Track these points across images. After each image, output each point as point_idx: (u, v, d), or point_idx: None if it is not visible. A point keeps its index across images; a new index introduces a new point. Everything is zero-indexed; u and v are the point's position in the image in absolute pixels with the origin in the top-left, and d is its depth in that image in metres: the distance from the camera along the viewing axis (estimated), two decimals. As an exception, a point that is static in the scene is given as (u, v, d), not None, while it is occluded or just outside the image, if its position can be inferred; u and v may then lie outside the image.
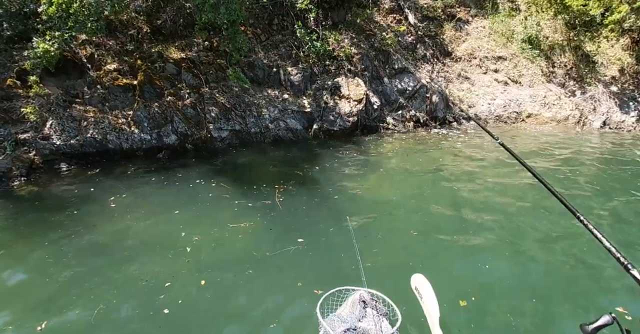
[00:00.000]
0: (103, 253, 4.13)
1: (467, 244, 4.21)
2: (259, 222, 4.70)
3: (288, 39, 9.69)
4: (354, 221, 4.67)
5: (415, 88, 10.15)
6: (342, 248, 4.05)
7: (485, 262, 3.83)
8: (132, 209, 5.17)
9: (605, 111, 11.02)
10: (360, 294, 2.45)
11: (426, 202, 5.43)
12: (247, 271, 3.71)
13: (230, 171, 6.71)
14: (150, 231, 4.59)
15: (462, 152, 8.03)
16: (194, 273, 3.69)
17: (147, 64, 8.18)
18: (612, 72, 11.31)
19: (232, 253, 4.07)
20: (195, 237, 4.34)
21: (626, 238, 4.41)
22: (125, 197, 5.58)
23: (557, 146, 8.77)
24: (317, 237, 4.31)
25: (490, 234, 4.44)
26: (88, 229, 4.63)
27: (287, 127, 8.58)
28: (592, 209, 5.14)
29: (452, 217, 4.94)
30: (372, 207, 5.22)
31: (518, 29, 11.95)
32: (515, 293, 3.40)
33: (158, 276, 3.66)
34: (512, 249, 4.11)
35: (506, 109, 10.94)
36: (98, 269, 3.83)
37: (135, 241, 4.34)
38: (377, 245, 4.20)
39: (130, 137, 7.49)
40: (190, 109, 8.02)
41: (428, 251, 4.13)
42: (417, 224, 4.75)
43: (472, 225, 4.68)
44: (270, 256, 3.95)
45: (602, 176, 6.79)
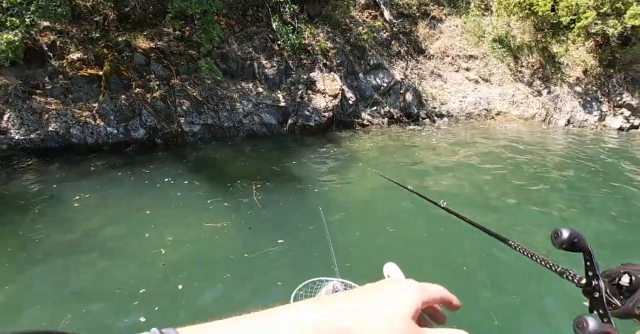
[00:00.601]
0: (70, 257, 3.87)
1: (440, 235, 4.34)
2: (237, 221, 4.59)
3: (263, 31, 9.49)
4: (331, 215, 4.70)
5: (390, 84, 10.22)
6: (323, 247, 4.04)
7: (459, 253, 3.97)
8: (98, 209, 4.90)
9: (569, 110, 11.52)
10: (333, 285, 2.47)
11: (401, 197, 5.51)
12: (225, 274, 3.59)
13: (203, 167, 6.53)
14: (121, 233, 4.35)
15: (437, 147, 8.20)
16: (170, 278, 3.52)
17: (114, 54, 7.79)
18: (576, 73, 11.81)
19: (209, 255, 3.93)
20: (169, 238, 4.17)
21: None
22: (91, 196, 5.27)
23: (524, 142, 9.10)
24: (298, 236, 4.26)
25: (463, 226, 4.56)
26: (51, 231, 4.33)
27: (262, 121, 8.44)
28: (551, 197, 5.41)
29: (425, 210, 5.05)
30: (348, 202, 5.30)
31: (489, 29, 12.24)
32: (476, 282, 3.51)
33: (132, 281, 3.47)
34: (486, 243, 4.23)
35: (477, 106, 11.23)
36: (66, 275, 3.58)
37: (105, 245, 4.10)
38: (351, 236, 4.29)
39: (96, 131, 7.14)
40: (159, 102, 7.73)
41: (401, 243, 4.25)
42: (391, 217, 4.85)
43: (445, 218, 4.79)
44: (249, 257, 3.84)
45: (563, 168, 7.24)
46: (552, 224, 5.13)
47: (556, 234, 0.53)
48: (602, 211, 5.26)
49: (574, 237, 0.51)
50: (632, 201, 5.69)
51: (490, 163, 7.23)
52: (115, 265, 3.72)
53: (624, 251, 4.28)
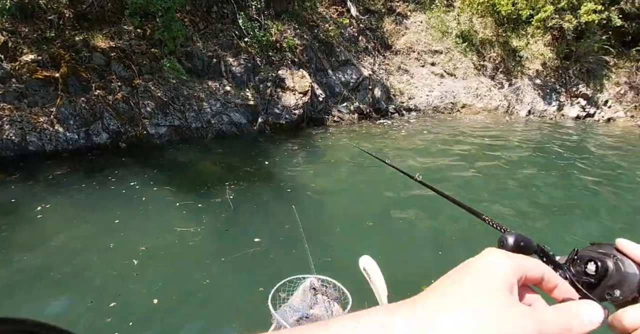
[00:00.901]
0: (35, 272, 3.65)
1: (413, 229, 4.47)
2: (211, 224, 4.50)
3: (228, 28, 9.31)
4: (305, 213, 4.73)
5: (359, 80, 10.30)
6: (301, 245, 4.05)
7: (437, 243, 4.14)
8: (63, 220, 4.65)
9: (530, 101, 12.03)
10: (310, 282, 2.47)
11: (374, 191, 5.67)
12: (204, 280, 3.50)
13: (172, 170, 6.35)
14: (89, 243, 4.15)
15: (406, 140, 8.40)
16: (144, 290, 3.39)
17: (71, 54, 7.42)
18: (535, 66, 12.33)
19: (185, 262, 3.82)
20: (141, 247, 4.03)
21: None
22: (54, 206, 4.98)
23: (488, 131, 9.48)
24: (275, 235, 4.24)
25: (438, 219, 4.70)
26: (13, 246, 4.07)
27: (231, 121, 8.31)
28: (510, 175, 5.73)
29: (399, 204, 5.19)
30: (323, 198, 5.35)
31: (452, 25, 12.55)
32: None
33: (103, 295, 3.32)
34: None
35: (443, 100, 11.52)
36: (30, 291, 3.39)
37: (73, 257, 3.89)
38: (327, 232, 4.35)
39: (54, 137, 6.79)
40: (122, 104, 7.45)
41: (376, 236, 4.37)
42: (367, 212, 4.96)
43: (421, 211, 4.95)
44: (227, 261, 3.78)
45: (522, 153, 7.82)
46: (508, 192, 5.48)
47: (502, 242, 0.51)
48: (546, 184, 5.93)
49: (520, 241, 0.50)
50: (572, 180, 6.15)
51: (459, 152, 7.55)
52: (85, 279, 3.55)
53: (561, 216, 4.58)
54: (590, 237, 4.44)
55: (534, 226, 4.74)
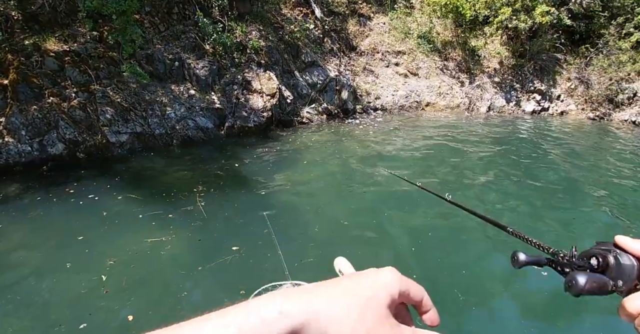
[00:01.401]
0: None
1: (387, 224, 4.53)
2: (184, 233, 4.35)
3: (190, 30, 9.06)
4: (278, 217, 4.72)
5: (325, 82, 10.34)
6: (281, 248, 4.00)
7: (412, 239, 4.20)
8: (21, 241, 4.32)
9: (489, 98, 12.54)
10: (286, 288, 2.48)
11: (347, 189, 5.72)
12: (181, 293, 3.37)
13: (137, 179, 6.09)
14: (51, 264, 3.87)
15: (374, 138, 8.55)
16: (116, 306, 3.21)
17: (20, 59, 6.95)
18: (493, 65, 12.86)
19: (159, 274, 3.66)
20: (109, 261, 3.83)
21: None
22: (8, 226, 4.63)
23: (451, 127, 9.84)
24: (252, 241, 4.15)
25: (413, 214, 4.78)
26: None
27: (197, 126, 8.09)
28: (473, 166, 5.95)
29: (372, 202, 5.28)
30: (295, 201, 5.32)
31: (413, 26, 12.87)
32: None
33: (70, 316, 3.11)
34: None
35: (408, 99, 11.79)
36: None
37: (35, 280, 3.61)
38: (301, 235, 4.33)
39: (4, 149, 6.33)
40: (78, 111, 7.06)
41: (349, 237, 4.39)
42: (339, 210, 5.01)
43: (395, 206, 5.03)
44: (204, 270, 3.66)
45: (482, 144, 8.23)
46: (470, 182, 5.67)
47: (514, 257, 0.60)
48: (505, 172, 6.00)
49: (530, 258, 0.59)
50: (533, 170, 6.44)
51: (424, 147, 7.79)
52: (51, 301, 3.32)
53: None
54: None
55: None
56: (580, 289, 0.52)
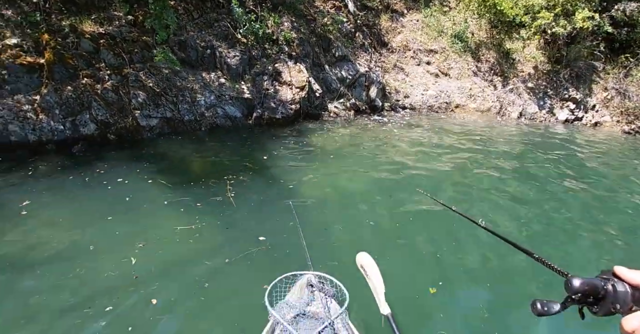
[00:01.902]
0: (21, 275, 3.35)
1: (413, 224, 4.40)
2: (212, 222, 4.26)
3: (224, 19, 9.00)
4: (304, 209, 4.66)
5: (355, 77, 10.16)
6: (305, 239, 3.90)
7: (433, 240, 4.03)
8: (51, 218, 4.30)
9: (522, 104, 12.14)
10: (307, 278, 2.43)
11: (375, 189, 5.55)
12: (205, 283, 3.30)
13: (166, 164, 6.06)
14: (81, 243, 3.85)
15: (402, 138, 8.32)
16: (142, 290, 3.16)
17: (57, 40, 7.01)
18: (528, 69, 12.44)
19: (185, 262, 3.59)
20: (139, 244, 3.79)
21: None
22: (40, 202, 4.63)
23: (482, 132, 9.51)
24: (279, 234, 4.06)
25: (433, 220, 4.61)
26: None
27: (225, 114, 8.04)
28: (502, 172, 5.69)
29: (398, 200, 5.14)
30: (323, 195, 5.22)
31: (448, 25, 12.54)
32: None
33: (99, 298, 3.07)
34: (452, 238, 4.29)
35: (437, 99, 11.50)
36: (15, 298, 3.10)
37: (64, 258, 3.58)
38: (327, 229, 4.27)
39: (38, 127, 6.39)
40: (111, 94, 7.09)
41: (377, 235, 4.30)
42: (366, 209, 4.88)
43: (418, 209, 4.86)
44: (229, 262, 3.57)
45: (512, 152, 7.91)
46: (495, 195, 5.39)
47: (566, 285, 0.71)
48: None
49: (585, 284, 0.69)
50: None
51: (453, 152, 7.50)
52: (80, 282, 3.29)
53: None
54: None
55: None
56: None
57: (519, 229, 4.70)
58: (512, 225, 4.78)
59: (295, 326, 2.07)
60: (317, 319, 2.12)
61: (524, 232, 4.65)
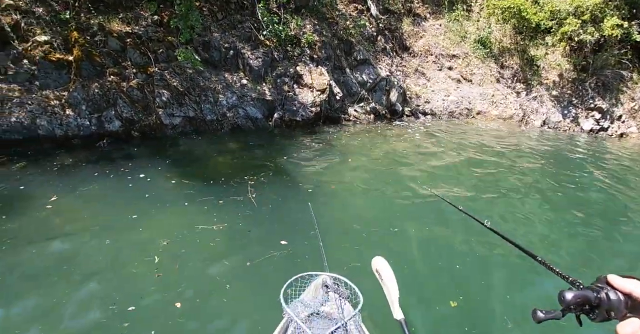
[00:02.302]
0: (44, 270, 3.37)
1: (427, 231, 4.33)
2: (234, 222, 4.24)
3: (247, 20, 9.05)
4: (323, 211, 4.62)
5: (376, 81, 10.09)
6: (329, 247, 3.84)
7: (452, 251, 3.99)
8: (77, 213, 4.34)
9: (545, 112, 11.87)
10: (322, 279, 2.46)
11: (391, 192, 5.51)
12: (226, 284, 3.26)
13: (188, 163, 6.08)
14: (106, 240, 3.86)
15: (423, 144, 8.18)
16: (165, 292, 3.13)
17: (85, 38, 7.14)
18: (552, 77, 12.17)
19: (208, 262, 3.57)
20: (163, 242, 3.78)
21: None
22: (65, 197, 4.69)
23: (505, 140, 9.29)
24: (300, 238, 4.01)
25: (451, 225, 4.49)
26: (21, 239, 3.78)
27: (247, 115, 8.05)
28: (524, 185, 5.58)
29: (416, 206, 5.08)
30: (342, 199, 5.20)
31: (471, 30, 12.38)
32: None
33: (122, 296, 3.06)
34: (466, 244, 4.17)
35: (459, 105, 11.33)
36: (40, 294, 3.09)
37: (89, 254, 3.60)
38: (344, 233, 4.26)
39: (65, 122, 6.51)
40: (136, 92, 7.17)
41: (392, 238, 4.26)
42: (384, 215, 4.83)
43: (434, 214, 4.82)
44: (252, 265, 3.53)
45: (536, 163, 7.66)
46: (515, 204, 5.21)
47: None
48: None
49: (577, 297, 0.72)
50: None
51: (474, 161, 7.34)
52: (104, 278, 3.29)
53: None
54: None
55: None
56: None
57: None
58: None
59: (308, 325, 2.09)
60: (330, 320, 2.14)
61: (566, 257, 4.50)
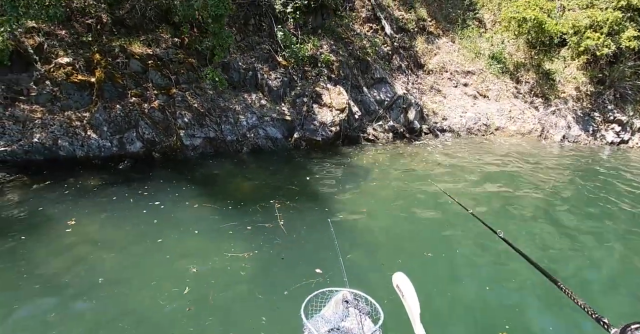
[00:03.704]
0: (65, 298, 3.18)
1: (449, 255, 4.16)
2: (265, 250, 4.04)
3: (265, 41, 9.09)
4: (352, 236, 4.53)
5: (393, 99, 10.01)
6: (367, 278, 3.61)
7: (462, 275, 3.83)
8: (99, 238, 4.18)
9: (564, 126, 11.68)
10: (343, 294, 2.47)
11: (415, 213, 5.35)
12: (261, 317, 3.04)
13: (211, 185, 5.93)
14: (131, 267, 3.68)
15: (444, 164, 7.94)
16: (196, 325, 2.91)
17: (107, 59, 7.16)
18: (569, 90, 12.05)
19: (241, 293, 3.36)
20: (192, 269, 3.59)
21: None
22: (86, 220, 4.55)
23: (528, 157, 9.05)
24: (337, 266, 3.77)
25: (480, 250, 4.23)
26: (42, 268, 3.59)
27: (267, 135, 7.95)
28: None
29: (438, 230, 4.89)
30: (368, 221, 5.03)
31: (484, 46, 12.38)
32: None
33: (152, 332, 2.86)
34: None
35: (476, 122, 11.19)
36: (63, 323, 2.90)
37: (113, 282, 3.40)
38: (368, 254, 4.17)
39: (86, 143, 6.43)
40: (158, 113, 7.12)
41: (415, 258, 4.15)
42: (412, 236, 4.71)
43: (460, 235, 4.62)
44: (288, 295, 3.31)
45: (561, 178, 7.39)
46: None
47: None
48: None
49: None
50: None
51: (500, 179, 7.10)
52: (132, 309, 3.08)
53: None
54: None
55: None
56: None
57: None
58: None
59: None
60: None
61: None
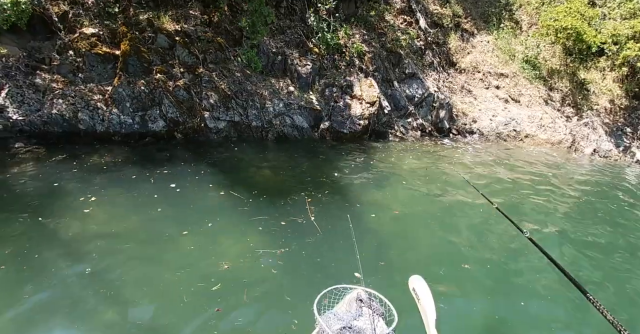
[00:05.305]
0: (81, 287, 2.87)
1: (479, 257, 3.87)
2: (298, 248, 3.68)
3: (296, 26, 8.68)
4: (386, 237, 4.25)
5: (424, 96, 9.58)
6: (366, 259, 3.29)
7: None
8: (118, 220, 3.83)
9: (596, 139, 11.18)
10: (357, 293, 2.40)
11: (450, 218, 4.99)
12: (293, 321, 2.74)
13: (236, 172, 5.57)
14: (155, 258, 3.33)
15: (475, 168, 7.51)
16: (225, 328, 2.59)
17: (134, 33, 6.80)
18: (603, 102, 11.54)
19: (275, 295, 3.02)
20: (223, 266, 3.24)
21: None
22: (105, 199, 4.21)
23: (561, 169, 8.61)
24: (376, 273, 3.42)
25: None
26: (54, 243, 3.29)
27: (293, 123, 7.57)
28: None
29: (470, 236, 4.52)
30: (402, 223, 4.72)
31: (519, 48, 11.87)
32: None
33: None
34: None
35: (506, 127, 10.73)
36: (72, 321, 2.59)
37: (132, 276, 3.07)
38: (394, 250, 3.95)
39: (107, 118, 6.09)
40: (183, 92, 6.76)
41: (438, 259, 3.92)
42: (448, 241, 4.32)
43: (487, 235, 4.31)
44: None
45: (590, 195, 6.98)
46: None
47: None
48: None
49: None
50: None
51: (533, 189, 6.67)
52: (159, 306, 2.76)
53: None
54: None
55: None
56: None
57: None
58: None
59: None
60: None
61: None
